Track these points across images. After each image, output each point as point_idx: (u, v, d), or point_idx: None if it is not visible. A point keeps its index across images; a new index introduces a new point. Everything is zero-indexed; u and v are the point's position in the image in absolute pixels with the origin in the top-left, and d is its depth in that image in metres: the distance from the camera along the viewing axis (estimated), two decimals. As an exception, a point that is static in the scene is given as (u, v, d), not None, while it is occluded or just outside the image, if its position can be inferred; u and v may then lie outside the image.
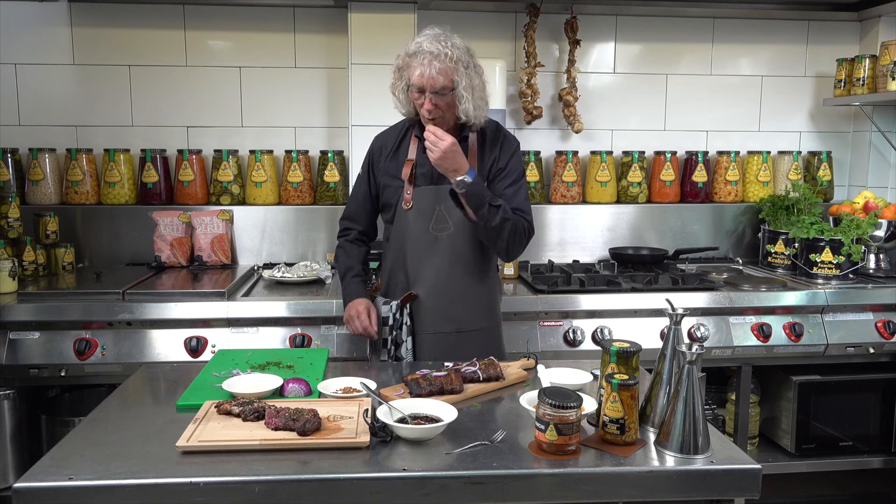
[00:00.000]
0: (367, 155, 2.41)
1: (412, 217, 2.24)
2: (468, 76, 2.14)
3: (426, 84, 2.10)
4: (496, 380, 1.91)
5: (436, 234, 2.23)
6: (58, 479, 1.37)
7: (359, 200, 2.41)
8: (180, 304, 2.60)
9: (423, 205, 2.24)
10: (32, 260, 2.90)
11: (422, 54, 2.10)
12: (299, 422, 1.53)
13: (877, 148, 3.62)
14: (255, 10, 3.34)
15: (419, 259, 2.25)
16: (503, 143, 2.30)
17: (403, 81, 2.19)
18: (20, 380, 2.57)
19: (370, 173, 2.37)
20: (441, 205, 2.23)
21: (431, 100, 2.12)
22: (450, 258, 2.24)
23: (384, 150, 2.34)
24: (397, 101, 2.26)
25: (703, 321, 2.81)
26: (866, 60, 3.36)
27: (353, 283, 2.37)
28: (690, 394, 1.49)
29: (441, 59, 2.09)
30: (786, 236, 3.19)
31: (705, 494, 1.48)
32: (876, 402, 3.00)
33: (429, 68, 2.08)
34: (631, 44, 3.57)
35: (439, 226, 2.23)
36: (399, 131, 2.36)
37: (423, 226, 2.24)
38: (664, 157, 3.50)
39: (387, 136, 2.38)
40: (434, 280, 2.24)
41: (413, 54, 2.13)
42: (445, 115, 2.17)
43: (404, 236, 2.26)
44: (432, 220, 2.23)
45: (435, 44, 2.10)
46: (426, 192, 2.24)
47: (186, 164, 3.26)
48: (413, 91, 2.16)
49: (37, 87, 3.28)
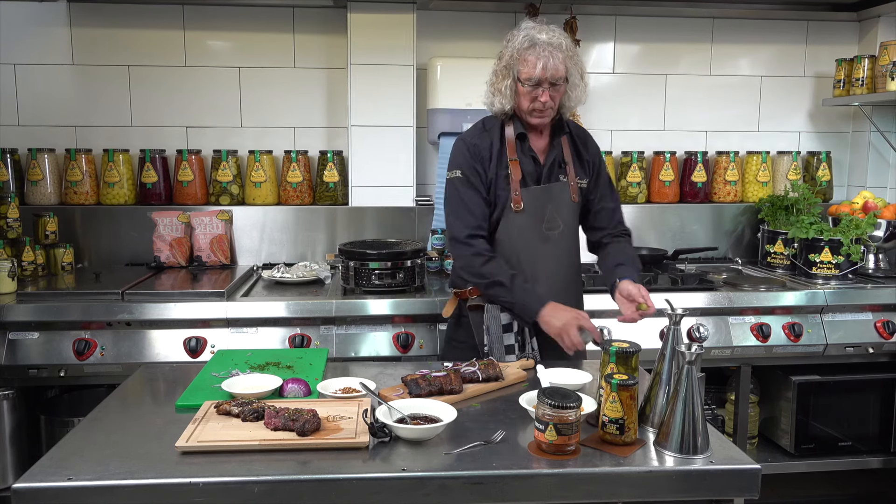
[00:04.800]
0: (462, 159, 2.21)
1: (524, 219, 2.19)
2: (580, 66, 2.16)
3: (548, 75, 2.07)
4: (495, 380, 1.91)
5: (548, 234, 2.21)
6: (57, 480, 1.37)
7: (478, 204, 2.18)
8: (179, 304, 2.60)
9: (534, 205, 2.20)
10: (32, 260, 2.90)
11: (540, 46, 2.07)
12: (299, 422, 1.52)
13: (876, 148, 3.62)
14: (254, 11, 3.34)
15: (535, 259, 2.21)
16: (588, 140, 2.32)
17: (511, 77, 2.13)
18: (19, 380, 2.57)
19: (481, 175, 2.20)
20: (551, 203, 2.21)
21: (548, 91, 2.09)
22: (562, 256, 2.25)
23: (483, 153, 2.21)
24: (499, 98, 2.17)
25: (702, 321, 2.81)
26: (865, 60, 3.36)
27: (530, 291, 2.12)
28: (690, 394, 1.49)
29: (561, 49, 2.08)
30: (785, 236, 3.19)
31: (705, 494, 1.48)
32: (875, 402, 3.00)
33: (551, 59, 2.06)
34: (630, 44, 3.57)
35: (551, 224, 2.21)
36: (496, 132, 2.23)
37: (536, 226, 2.20)
38: (663, 157, 3.50)
39: (480, 138, 2.23)
40: (553, 278, 2.22)
41: (528, 48, 2.09)
42: (555, 109, 2.16)
43: (515, 238, 2.20)
44: (544, 219, 2.21)
45: (548, 34, 2.10)
46: (535, 193, 2.20)
47: (186, 165, 3.26)
48: (524, 85, 2.10)
49: (36, 87, 3.28)
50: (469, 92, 3.19)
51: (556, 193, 2.22)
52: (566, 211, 2.23)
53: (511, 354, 2.20)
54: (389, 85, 3.23)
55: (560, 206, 2.22)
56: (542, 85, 2.09)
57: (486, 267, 2.13)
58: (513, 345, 2.21)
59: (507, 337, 2.21)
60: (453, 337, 2.38)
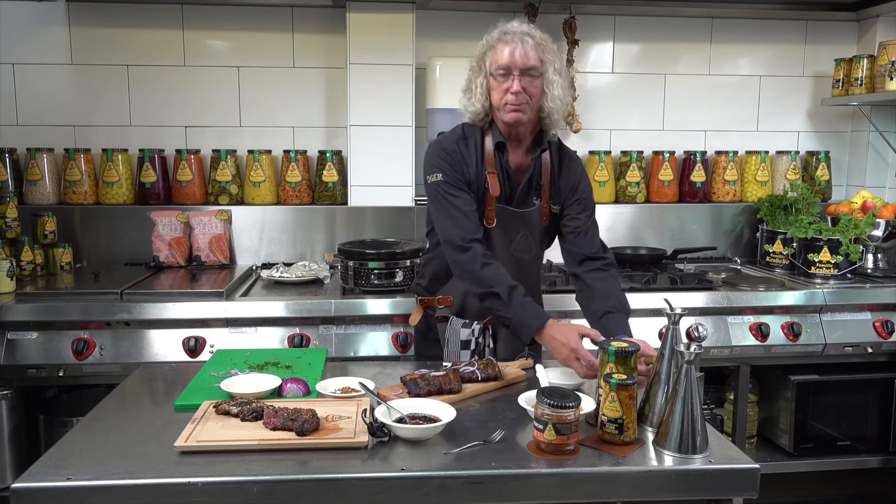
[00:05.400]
0: (441, 163, 2.09)
1: (495, 235, 2.11)
2: (559, 61, 2.04)
3: (517, 61, 1.96)
4: (494, 379, 1.91)
5: (520, 257, 2.14)
6: (56, 480, 1.37)
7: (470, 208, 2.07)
8: (178, 304, 2.60)
9: (508, 224, 2.12)
10: (30, 260, 2.90)
11: (511, 34, 2.00)
12: (298, 422, 1.52)
13: (875, 148, 3.62)
14: (253, 10, 3.33)
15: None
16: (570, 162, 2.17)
17: (483, 73, 2.04)
18: (18, 380, 2.56)
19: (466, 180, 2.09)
20: (525, 228, 2.13)
21: (520, 80, 1.97)
22: (531, 281, 2.16)
23: (467, 157, 2.10)
24: (471, 97, 2.07)
25: (701, 321, 2.81)
26: (864, 60, 3.37)
27: (529, 305, 1.97)
28: (689, 393, 1.49)
29: (533, 38, 1.99)
30: (784, 236, 3.19)
31: (704, 494, 1.48)
32: (874, 402, 3.00)
33: (520, 45, 1.97)
34: (629, 44, 3.57)
35: (521, 248, 2.14)
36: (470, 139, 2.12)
37: (506, 245, 2.13)
38: (662, 156, 3.50)
39: (458, 145, 2.11)
40: None
41: (499, 37, 2.01)
42: (531, 106, 2.01)
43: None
44: (514, 241, 2.13)
45: (521, 26, 2.02)
46: (510, 214, 2.11)
47: (185, 164, 3.26)
48: (496, 78, 2.00)
49: (35, 87, 3.27)
50: (468, 91, 3.19)
51: (532, 218, 2.14)
52: (538, 235, 2.17)
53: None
54: (388, 85, 3.23)
55: (535, 230, 2.15)
56: (512, 72, 1.98)
57: (486, 271, 2.00)
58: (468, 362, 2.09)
59: (464, 354, 2.14)
60: (422, 352, 2.34)
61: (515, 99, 1.99)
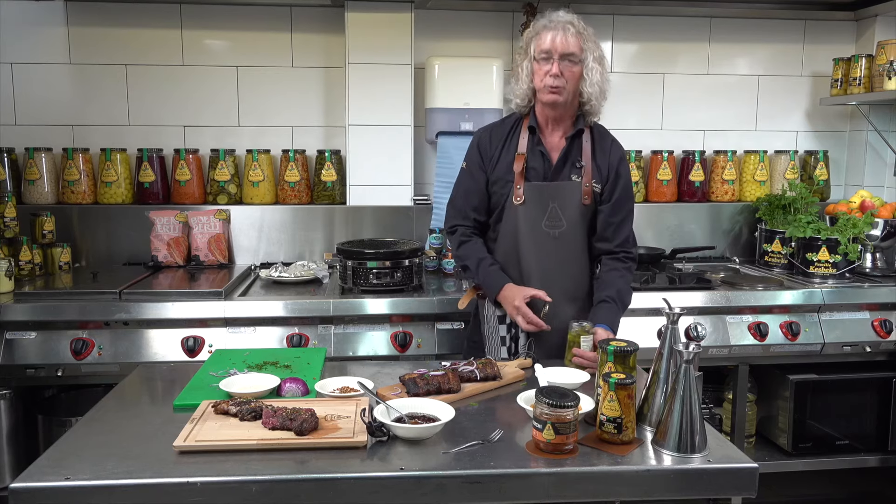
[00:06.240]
0: (472, 148, 2.31)
1: (523, 212, 2.20)
2: (598, 51, 2.18)
3: (558, 46, 2.10)
4: (493, 379, 1.91)
5: (548, 231, 2.20)
6: (55, 480, 1.36)
7: (469, 194, 2.30)
8: (177, 303, 2.60)
9: (536, 200, 2.20)
10: (29, 260, 2.90)
11: (555, 22, 2.14)
12: (296, 421, 1.52)
13: (873, 147, 3.63)
14: (251, 10, 3.33)
15: (533, 256, 2.21)
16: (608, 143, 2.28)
17: (529, 56, 2.18)
18: (17, 380, 2.56)
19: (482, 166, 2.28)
20: (554, 202, 2.20)
21: (559, 64, 2.11)
22: (566, 257, 2.22)
23: (493, 143, 2.27)
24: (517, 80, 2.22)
25: (699, 320, 2.81)
26: (863, 60, 3.37)
27: (492, 272, 2.22)
28: (687, 393, 1.49)
29: (575, 26, 2.14)
30: (782, 235, 3.20)
31: (702, 493, 1.48)
32: (872, 401, 3.01)
33: (562, 32, 2.11)
34: (628, 43, 3.57)
35: (552, 223, 2.20)
36: (509, 125, 2.29)
37: (536, 222, 2.20)
38: (661, 156, 3.50)
39: (494, 129, 2.31)
40: (551, 278, 2.19)
41: (544, 25, 2.15)
42: (568, 89, 2.14)
43: (516, 233, 2.22)
44: (545, 216, 2.20)
45: (567, 16, 2.16)
46: (538, 188, 2.20)
47: (183, 164, 3.25)
48: (538, 62, 2.14)
49: (33, 86, 3.27)
50: (467, 91, 3.19)
51: (564, 192, 2.21)
52: (573, 211, 2.21)
53: (503, 346, 2.25)
54: (387, 84, 3.23)
55: (566, 205, 2.20)
56: (552, 56, 2.12)
57: (461, 249, 2.29)
58: (505, 336, 2.25)
59: (501, 329, 2.26)
60: (471, 337, 2.43)
61: (554, 81, 2.13)
